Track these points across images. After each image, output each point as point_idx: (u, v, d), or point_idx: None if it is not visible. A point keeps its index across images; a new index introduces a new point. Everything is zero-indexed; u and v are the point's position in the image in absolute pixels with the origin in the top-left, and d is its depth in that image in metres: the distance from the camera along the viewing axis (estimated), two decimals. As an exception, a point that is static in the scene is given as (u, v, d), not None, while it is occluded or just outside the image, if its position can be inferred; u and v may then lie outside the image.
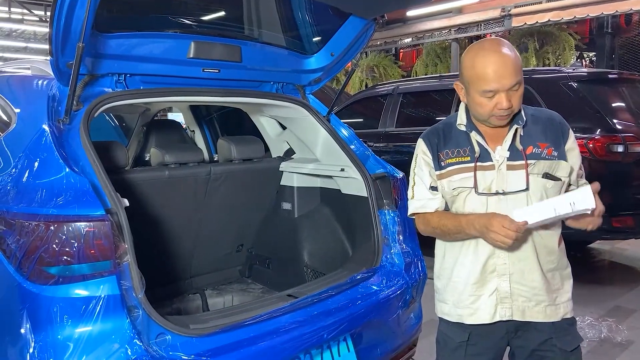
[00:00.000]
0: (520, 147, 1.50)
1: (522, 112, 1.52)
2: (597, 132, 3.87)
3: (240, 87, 2.33)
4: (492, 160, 1.51)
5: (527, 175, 1.48)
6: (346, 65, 2.59)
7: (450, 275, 1.62)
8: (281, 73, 2.43)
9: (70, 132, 1.73)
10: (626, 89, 4.39)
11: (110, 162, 2.12)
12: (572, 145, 1.53)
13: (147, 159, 2.81)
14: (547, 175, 1.49)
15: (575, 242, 4.96)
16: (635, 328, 3.44)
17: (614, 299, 3.97)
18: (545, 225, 1.51)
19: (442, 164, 1.57)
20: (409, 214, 1.68)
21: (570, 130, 1.55)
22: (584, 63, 9.33)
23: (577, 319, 3.49)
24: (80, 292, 1.44)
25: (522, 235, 1.40)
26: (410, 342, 2.33)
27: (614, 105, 4.21)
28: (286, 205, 2.84)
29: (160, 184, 2.32)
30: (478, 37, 9.81)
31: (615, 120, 3.96)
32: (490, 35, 9.60)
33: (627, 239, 4.69)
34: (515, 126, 1.50)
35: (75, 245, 1.42)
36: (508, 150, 1.50)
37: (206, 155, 3.58)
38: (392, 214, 2.34)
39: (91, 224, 1.44)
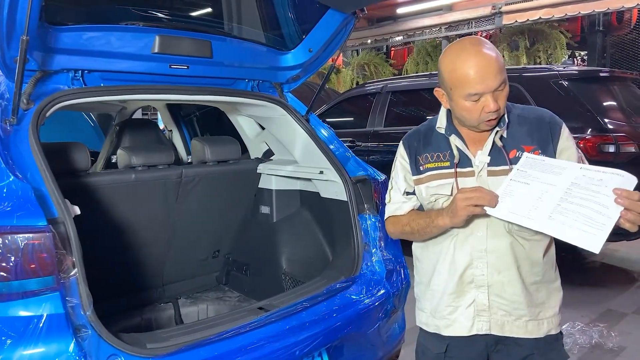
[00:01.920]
0: (502, 151, 1.39)
1: (505, 114, 1.40)
2: (588, 132, 3.77)
3: (211, 85, 2.19)
4: (472, 166, 1.41)
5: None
6: (327, 61, 2.45)
7: (428, 282, 1.53)
8: (256, 70, 2.30)
9: (18, 133, 1.59)
10: (618, 87, 4.30)
11: (70, 165, 1.98)
12: (565, 145, 1.40)
13: (114, 161, 2.67)
14: None
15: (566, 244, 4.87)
16: (627, 333, 3.35)
17: (606, 301, 3.88)
18: (530, 237, 1.40)
19: (421, 168, 1.47)
20: (385, 217, 1.59)
21: (564, 128, 1.42)
22: (575, 62, 9.26)
23: (567, 324, 3.41)
24: (20, 311, 1.30)
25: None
26: (392, 353, 2.21)
27: (605, 104, 4.11)
28: (264, 209, 2.71)
29: (127, 188, 2.18)
30: (469, 35, 9.72)
31: (606, 120, 3.86)
32: (481, 34, 9.50)
33: (619, 241, 4.59)
34: (496, 129, 1.39)
35: (13, 259, 1.28)
36: (489, 154, 1.39)
37: (184, 156, 3.45)
38: (373, 219, 2.22)
39: (31, 235, 1.30)
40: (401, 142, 1.53)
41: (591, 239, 1.13)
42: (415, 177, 1.47)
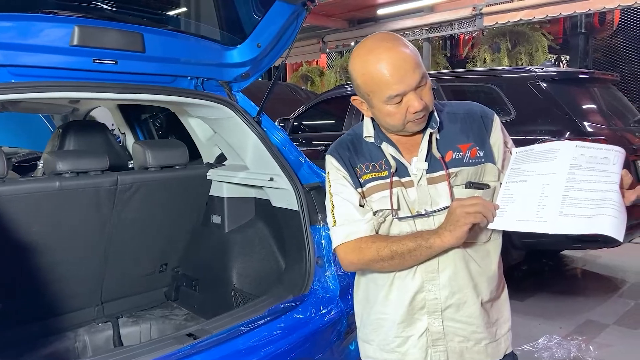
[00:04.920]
0: (438, 154, 1.22)
1: (435, 113, 1.24)
2: (566, 135, 3.62)
3: (147, 82, 1.97)
4: (410, 175, 1.23)
5: (451, 188, 1.20)
6: (278, 58, 2.25)
7: (373, 310, 1.33)
8: (199, 67, 2.10)
9: None
10: (598, 89, 4.16)
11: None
12: (496, 137, 1.25)
13: (40, 166, 2.44)
14: (471, 185, 1.20)
15: (546, 250, 4.74)
16: (607, 346, 3.19)
17: (586, 311, 3.72)
18: (483, 249, 1.25)
19: (361, 180, 1.27)
20: (334, 246, 1.30)
21: (496, 119, 1.27)
22: (561, 65, 9.16)
23: (544, 337, 3.23)
24: None
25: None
26: (348, 378, 2.01)
27: (584, 106, 3.96)
28: (216, 219, 2.50)
29: (50, 197, 1.96)
30: (451, 37, 9.60)
31: (585, 123, 3.71)
32: (464, 36, 9.40)
33: (599, 248, 4.45)
34: (429, 131, 1.22)
35: None
36: (426, 160, 1.22)
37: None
38: (327, 231, 2.02)
39: None
40: (328, 154, 1.32)
41: (613, 223, 0.97)
42: (358, 190, 1.27)
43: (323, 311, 1.89)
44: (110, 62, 1.82)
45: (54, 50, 1.70)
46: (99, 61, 1.79)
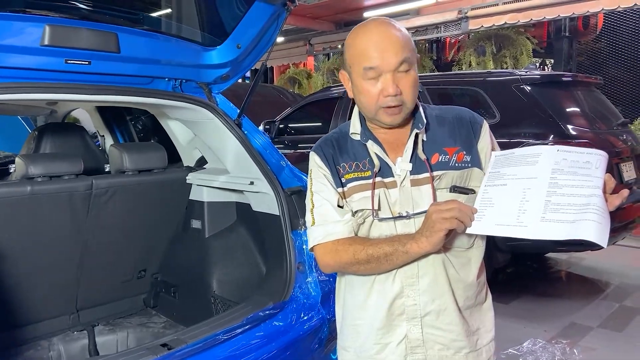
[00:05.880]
0: (423, 156, 1.19)
1: (422, 113, 1.22)
2: (550, 138, 3.63)
3: (122, 84, 1.92)
4: (393, 176, 1.20)
5: (434, 191, 1.17)
6: (259, 59, 2.21)
7: (351, 316, 1.30)
8: (177, 68, 2.05)
9: None
10: (581, 92, 4.19)
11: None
12: (484, 144, 1.23)
13: (11, 170, 2.37)
14: (456, 189, 1.18)
15: (530, 253, 4.75)
16: (591, 349, 3.19)
17: (570, 314, 3.73)
18: (464, 256, 1.22)
19: (342, 180, 1.24)
20: (310, 246, 1.28)
21: (485, 126, 1.25)
22: (547, 69, 9.24)
23: (528, 340, 3.23)
24: None
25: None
26: (330, 387, 1.97)
27: (568, 109, 3.98)
28: (196, 224, 2.45)
29: (21, 202, 1.89)
30: (437, 40, 9.64)
31: (569, 126, 3.73)
32: (450, 39, 9.44)
33: (584, 251, 4.47)
34: (415, 131, 1.20)
35: None
36: (410, 161, 1.19)
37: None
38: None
39: None
40: (312, 151, 1.29)
41: (596, 228, 0.94)
42: (339, 189, 1.24)
43: (304, 318, 1.85)
44: (83, 62, 1.76)
45: (24, 51, 1.64)
46: (71, 62, 1.73)
